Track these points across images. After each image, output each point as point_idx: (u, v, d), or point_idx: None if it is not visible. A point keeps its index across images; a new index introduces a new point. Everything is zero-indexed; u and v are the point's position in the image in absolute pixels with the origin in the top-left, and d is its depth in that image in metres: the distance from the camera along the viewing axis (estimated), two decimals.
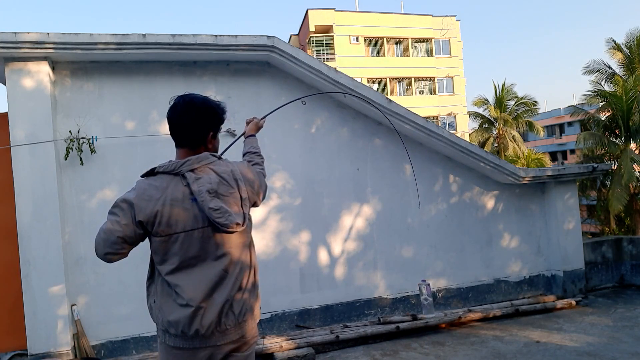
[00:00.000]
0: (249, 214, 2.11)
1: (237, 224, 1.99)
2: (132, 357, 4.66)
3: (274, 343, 4.67)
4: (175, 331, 1.98)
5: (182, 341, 2.00)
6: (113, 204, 2.01)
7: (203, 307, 1.97)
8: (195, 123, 2.10)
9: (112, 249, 1.97)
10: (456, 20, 37.48)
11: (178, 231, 1.97)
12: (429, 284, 5.38)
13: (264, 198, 2.33)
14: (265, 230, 5.34)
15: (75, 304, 4.65)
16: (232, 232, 2.00)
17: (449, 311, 5.70)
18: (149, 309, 2.11)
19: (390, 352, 4.72)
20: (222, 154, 2.39)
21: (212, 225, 1.98)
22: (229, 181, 2.05)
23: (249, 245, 2.16)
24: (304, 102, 4.10)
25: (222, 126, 2.30)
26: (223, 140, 2.82)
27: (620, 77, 20.89)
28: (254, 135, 2.68)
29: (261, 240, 5.32)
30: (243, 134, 2.74)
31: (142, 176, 2.07)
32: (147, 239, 2.07)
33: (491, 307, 5.78)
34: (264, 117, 2.88)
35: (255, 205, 2.23)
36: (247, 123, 2.78)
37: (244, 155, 2.57)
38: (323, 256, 5.55)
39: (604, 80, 21.97)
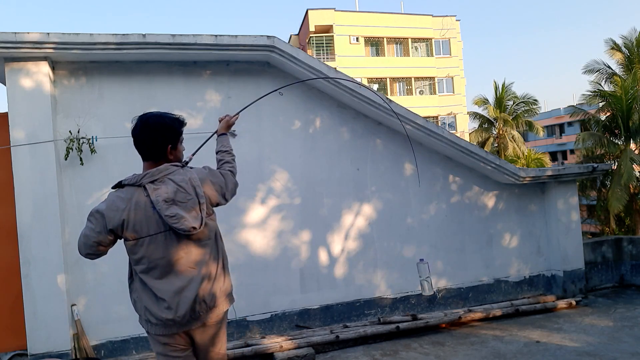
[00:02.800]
0: (208, 215, 2.38)
1: (194, 227, 2.26)
2: (132, 357, 4.67)
3: (274, 343, 4.67)
4: (155, 320, 2.34)
5: (162, 329, 2.36)
6: (90, 212, 2.36)
7: (176, 301, 2.29)
8: (151, 139, 2.36)
9: (90, 250, 2.37)
10: (456, 20, 37.48)
11: (143, 235, 2.29)
12: (427, 263, 5.16)
13: (233, 195, 2.56)
14: (265, 230, 5.34)
15: (75, 304, 4.65)
16: (190, 235, 2.28)
17: (449, 311, 5.70)
18: (132, 303, 2.46)
19: (390, 352, 4.72)
20: (194, 153, 2.74)
21: (172, 229, 2.27)
22: (186, 189, 2.31)
23: (214, 239, 2.43)
24: (281, 93, 4.15)
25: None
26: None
27: (620, 77, 20.89)
28: (225, 134, 2.83)
29: (261, 240, 5.32)
30: (215, 132, 2.89)
31: (112, 188, 2.41)
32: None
33: (491, 307, 5.78)
34: (237, 113, 3.01)
35: (218, 204, 2.49)
36: (220, 121, 2.91)
37: (216, 153, 2.75)
38: (323, 256, 5.55)
39: (603, 80, 21.99)
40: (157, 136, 2.36)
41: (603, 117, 20.87)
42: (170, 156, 2.41)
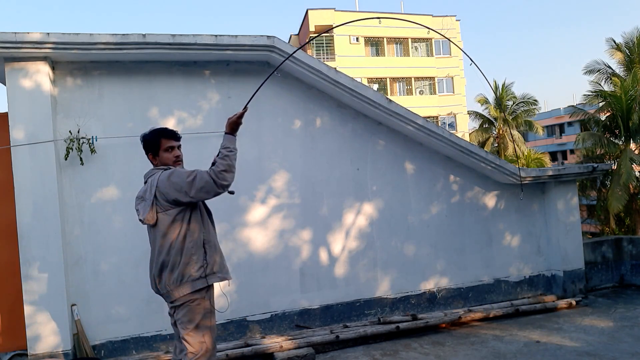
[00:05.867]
0: (165, 210, 2.84)
1: (140, 220, 2.90)
2: (132, 357, 4.66)
3: (274, 343, 4.67)
4: None
5: None
6: None
7: (150, 276, 2.99)
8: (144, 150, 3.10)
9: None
10: (456, 20, 37.47)
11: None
12: None
13: (204, 192, 2.82)
14: (265, 229, 5.34)
15: (75, 304, 4.65)
16: (146, 225, 2.94)
17: (449, 311, 5.70)
18: None
19: (390, 352, 4.72)
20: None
21: None
22: (151, 188, 2.88)
23: (167, 235, 2.85)
24: (278, 74, 4.15)
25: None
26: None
27: (620, 77, 20.88)
28: (227, 133, 3.00)
29: (262, 240, 5.32)
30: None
31: None
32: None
33: (491, 307, 5.78)
34: (244, 107, 3.11)
35: (177, 200, 2.83)
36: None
37: None
38: (323, 256, 5.54)
39: (604, 80, 21.98)
40: (143, 147, 3.06)
41: (603, 117, 20.88)
42: (155, 162, 3.04)
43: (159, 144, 3.00)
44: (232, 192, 3.07)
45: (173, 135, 3.06)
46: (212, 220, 3.13)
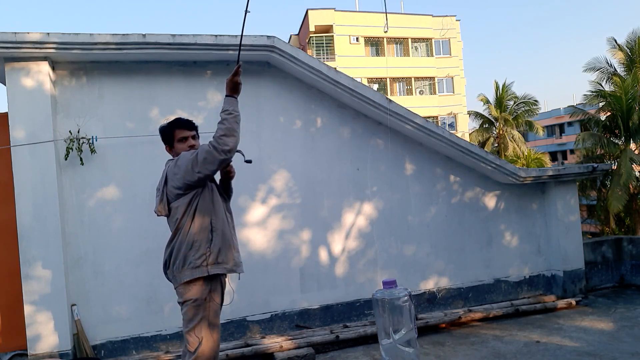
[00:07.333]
0: (177, 199, 2.83)
1: (154, 211, 2.94)
2: (132, 357, 4.67)
3: (274, 343, 4.67)
4: None
5: None
6: None
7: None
8: None
9: None
10: (456, 20, 37.48)
11: None
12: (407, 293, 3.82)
13: (209, 163, 2.71)
14: (265, 229, 5.34)
15: (75, 304, 4.65)
16: (160, 216, 2.96)
17: (449, 311, 5.70)
18: None
19: None
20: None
21: None
22: (162, 179, 2.91)
23: (179, 222, 2.84)
24: (248, 11, 3.71)
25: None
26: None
27: (620, 77, 20.86)
28: (228, 96, 2.86)
29: (261, 240, 5.32)
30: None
31: None
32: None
33: (491, 307, 5.78)
34: (237, 62, 2.95)
35: (186, 181, 2.77)
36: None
37: None
38: (323, 256, 5.55)
39: (604, 80, 21.95)
40: (162, 140, 3.07)
41: (603, 117, 20.87)
42: (171, 153, 3.05)
43: (173, 135, 3.00)
44: (249, 161, 3.02)
45: (186, 125, 3.02)
46: (229, 210, 3.05)
